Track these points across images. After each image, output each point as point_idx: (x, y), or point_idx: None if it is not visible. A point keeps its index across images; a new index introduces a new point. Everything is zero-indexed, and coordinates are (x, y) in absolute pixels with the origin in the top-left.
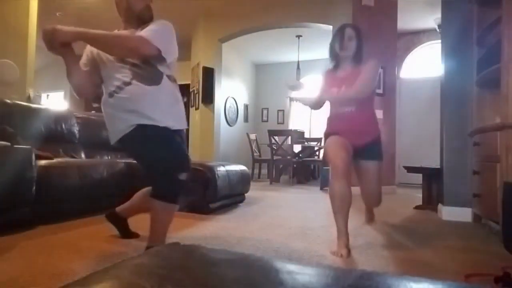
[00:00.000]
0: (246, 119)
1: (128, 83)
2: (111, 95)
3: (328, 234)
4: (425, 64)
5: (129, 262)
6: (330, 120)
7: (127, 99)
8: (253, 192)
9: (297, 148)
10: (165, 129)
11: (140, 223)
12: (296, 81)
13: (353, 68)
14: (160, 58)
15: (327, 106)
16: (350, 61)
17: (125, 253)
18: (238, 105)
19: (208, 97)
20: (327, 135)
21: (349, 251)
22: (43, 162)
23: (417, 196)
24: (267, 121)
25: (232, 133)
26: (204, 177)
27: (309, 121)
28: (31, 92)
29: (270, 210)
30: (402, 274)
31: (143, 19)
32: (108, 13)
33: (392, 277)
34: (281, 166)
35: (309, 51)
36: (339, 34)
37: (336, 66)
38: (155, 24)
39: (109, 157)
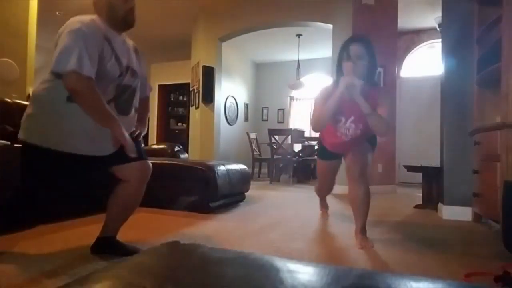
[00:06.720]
0: (246, 118)
1: None
2: None
3: (329, 233)
4: (425, 63)
5: (129, 262)
6: (328, 134)
7: None
8: (253, 191)
9: (297, 147)
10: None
11: (139, 226)
12: (297, 81)
13: (363, 92)
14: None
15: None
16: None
17: None
18: (238, 104)
19: (208, 96)
20: (321, 150)
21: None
22: None
23: (417, 195)
24: (267, 120)
25: (232, 132)
26: (204, 176)
27: (309, 121)
28: (31, 91)
29: (270, 209)
30: (402, 273)
31: (127, 23)
32: None
33: (392, 276)
34: (281, 165)
35: (309, 50)
36: (344, 52)
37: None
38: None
39: None
